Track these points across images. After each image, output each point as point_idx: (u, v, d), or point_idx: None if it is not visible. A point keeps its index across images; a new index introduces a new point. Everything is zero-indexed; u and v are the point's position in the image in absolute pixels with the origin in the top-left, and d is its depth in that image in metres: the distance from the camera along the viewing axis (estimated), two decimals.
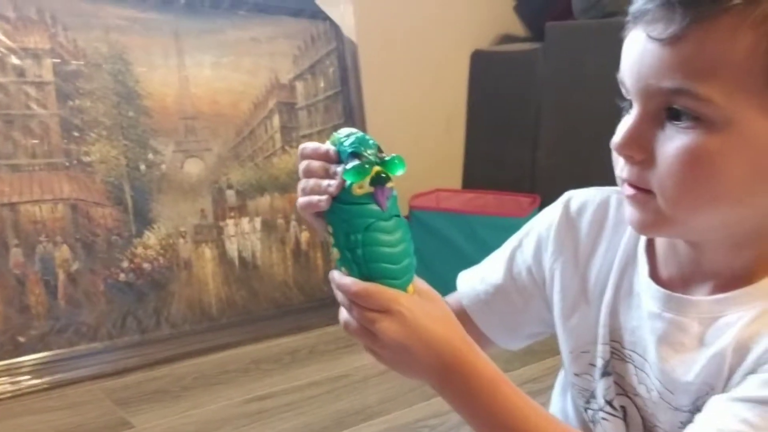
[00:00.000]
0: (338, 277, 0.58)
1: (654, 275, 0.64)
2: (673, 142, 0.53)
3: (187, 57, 1.83)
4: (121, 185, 1.72)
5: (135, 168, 1.74)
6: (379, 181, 0.55)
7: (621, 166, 0.58)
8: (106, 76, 1.71)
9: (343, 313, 0.59)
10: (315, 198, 0.57)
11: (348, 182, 0.55)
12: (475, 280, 0.77)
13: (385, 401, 1.58)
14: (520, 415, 0.56)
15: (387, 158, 0.56)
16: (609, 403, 0.68)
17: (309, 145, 0.59)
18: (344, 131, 0.58)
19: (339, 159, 0.57)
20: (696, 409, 0.59)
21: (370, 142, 0.57)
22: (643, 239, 0.66)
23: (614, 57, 0.59)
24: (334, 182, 0.56)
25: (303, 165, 0.59)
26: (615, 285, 0.67)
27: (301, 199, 0.59)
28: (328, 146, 0.58)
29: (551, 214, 0.73)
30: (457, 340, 0.57)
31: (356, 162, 0.55)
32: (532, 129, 2.32)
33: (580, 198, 0.72)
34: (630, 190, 0.58)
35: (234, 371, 1.71)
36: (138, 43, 1.77)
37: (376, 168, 0.55)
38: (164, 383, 1.64)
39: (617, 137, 0.57)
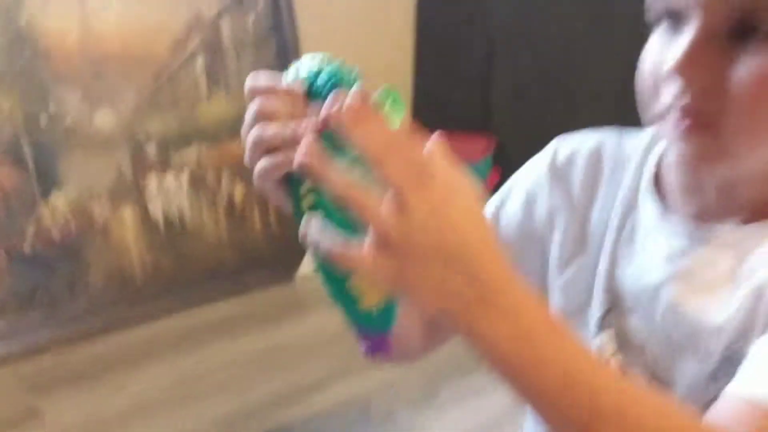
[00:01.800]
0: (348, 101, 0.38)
1: (667, 214, 0.59)
2: (747, 65, 0.46)
3: None
4: (18, 141, 1.49)
5: (34, 121, 1.51)
6: None
7: (674, 94, 0.49)
8: None
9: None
10: (282, 157, 0.41)
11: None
12: None
13: (332, 375, 1.43)
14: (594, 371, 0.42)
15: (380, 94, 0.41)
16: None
17: (261, 78, 0.44)
18: (309, 58, 0.44)
19: (310, 97, 0.42)
20: (727, 358, 0.53)
21: (353, 74, 0.43)
22: (645, 180, 0.61)
23: None
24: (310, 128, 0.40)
25: (255, 106, 0.43)
26: (616, 231, 0.61)
27: (263, 162, 0.43)
28: (291, 80, 0.43)
29: (537, 166, 0.66)
30: (508, 263, 0.41)
31: None
32: (485, 65, 2.15)
33: (568, 146, 0.65)
34: (684, 121, 0.49)
35: (162, 346, 1.54)
36: None
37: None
38: (83, 364, 1.46)
39: (673, 59, 0.48)
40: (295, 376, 1.42)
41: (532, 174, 0.66)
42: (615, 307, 0.61)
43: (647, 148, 0.60)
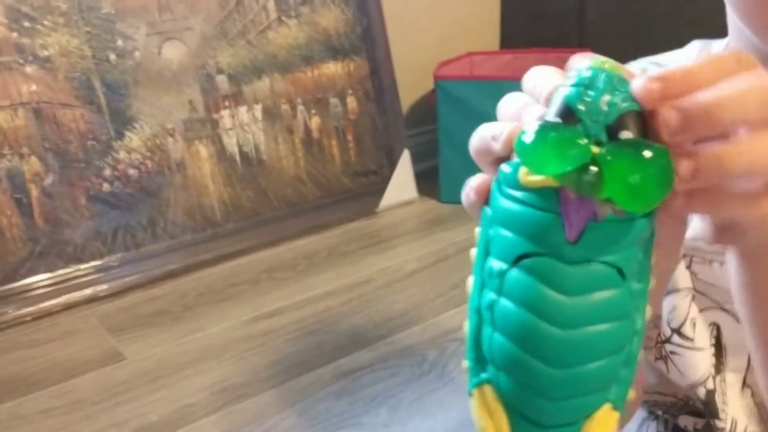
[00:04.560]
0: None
1: None
2: None
3: None
4: (89, 81, 1.47)
5: (103, 59, 1.49)
6: (580, 182, 0.26)
7: None
8: None
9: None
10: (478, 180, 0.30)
11: (515, 161, 0.28)
12: None
13: (410, 311, 1.37)
14: None
15: (627, 144, 0.26)
16: (677, 331, 0.54)
17: (539, 71, 0.30)
18: (588, 60, 0.28)
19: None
20: None
21: (618, 99, 0.26)
22: None
23: None
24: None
25: (510, 101, 0.31)
26: None
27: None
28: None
29: None
30: None
31: (554, 123, 0.26)
32: None
33: None
34: None
35: (243, 283, 1.52)
36: None
37: (592, 152, 0.26)
38: (165, 303, 1.47)
39: None
40: (374, 314, 1.37)
41: None
42: (693, 259, 0.52)
43: None
